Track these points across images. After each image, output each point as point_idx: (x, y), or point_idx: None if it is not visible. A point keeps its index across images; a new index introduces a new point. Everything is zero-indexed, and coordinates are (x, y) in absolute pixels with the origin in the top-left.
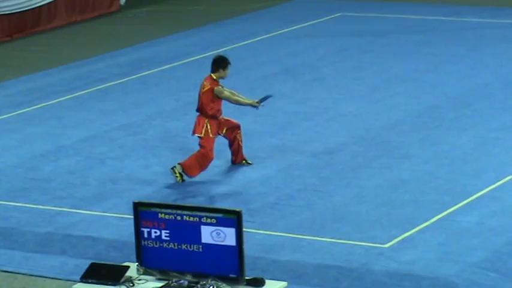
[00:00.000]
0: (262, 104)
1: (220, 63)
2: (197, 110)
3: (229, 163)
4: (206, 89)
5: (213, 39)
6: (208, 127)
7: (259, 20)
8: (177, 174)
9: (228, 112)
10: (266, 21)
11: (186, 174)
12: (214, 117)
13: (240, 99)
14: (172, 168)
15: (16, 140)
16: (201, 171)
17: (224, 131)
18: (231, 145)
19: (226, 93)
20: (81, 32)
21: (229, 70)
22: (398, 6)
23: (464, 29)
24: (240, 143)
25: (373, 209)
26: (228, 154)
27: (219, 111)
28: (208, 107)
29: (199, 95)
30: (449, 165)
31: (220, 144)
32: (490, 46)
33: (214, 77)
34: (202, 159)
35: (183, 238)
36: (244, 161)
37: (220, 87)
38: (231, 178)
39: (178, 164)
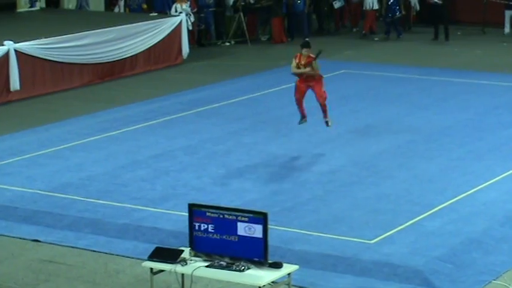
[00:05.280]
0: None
1: (310, 44)
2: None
3: (260, 176)
4: (309, 59)
5: (250, 86)
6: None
7: (284, 73)
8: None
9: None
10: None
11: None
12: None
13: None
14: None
15: (104, 155)
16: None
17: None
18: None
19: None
20: (154, 77)
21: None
22: (386, 67)
23: (434, 85)
24: None
25: (363, 214)
26: (259, 173)
27: None
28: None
29: (300, 64)
30: (420, 184)
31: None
32: (453, 98)
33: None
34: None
35: (223, 231)
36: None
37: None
38: (259, 188)
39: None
